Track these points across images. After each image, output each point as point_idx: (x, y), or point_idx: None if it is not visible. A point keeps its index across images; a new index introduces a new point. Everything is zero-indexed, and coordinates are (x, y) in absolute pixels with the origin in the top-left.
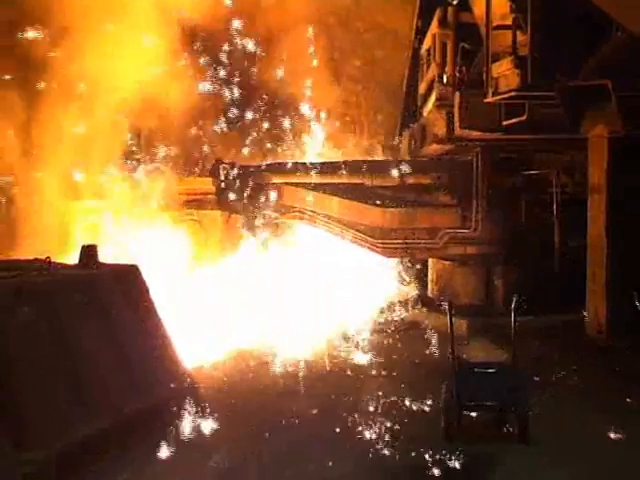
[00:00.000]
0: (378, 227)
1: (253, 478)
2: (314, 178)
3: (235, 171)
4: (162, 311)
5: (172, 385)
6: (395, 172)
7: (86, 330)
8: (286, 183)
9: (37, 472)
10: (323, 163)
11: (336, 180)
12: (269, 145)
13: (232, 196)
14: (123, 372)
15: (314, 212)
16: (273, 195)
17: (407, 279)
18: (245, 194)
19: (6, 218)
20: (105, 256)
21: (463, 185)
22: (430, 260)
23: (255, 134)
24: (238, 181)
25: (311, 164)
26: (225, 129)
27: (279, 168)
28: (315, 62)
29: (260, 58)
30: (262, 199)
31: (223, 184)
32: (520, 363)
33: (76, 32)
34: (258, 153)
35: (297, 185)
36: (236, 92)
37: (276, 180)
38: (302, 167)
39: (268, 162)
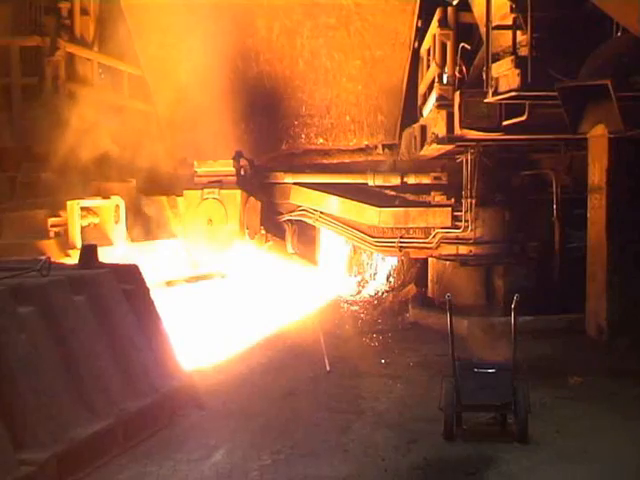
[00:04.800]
0: (374, 226)
1: (253, 477)
2: (320, 178)
3: (250, 168)
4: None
5: (172, 384)
6: (396, 172)
7: (86, 330)
8: (294, 183)
9: (37, 472)
10: (329, 164)
11: (340, 180)
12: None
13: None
14: (123, 372)
15: (317, 212)
16: (282, 194)
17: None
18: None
19: None
20: None
21: (459, 185)
22: (430, 260)
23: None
24: (253, 178)
25: (317, 165)
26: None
27: (288, 169)
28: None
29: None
30: (272, 198)
31: (242, 171)
32: (520, 363)
33: None
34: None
35: (304, 185)
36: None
37: (287, 180)
38: (309, 168)
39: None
